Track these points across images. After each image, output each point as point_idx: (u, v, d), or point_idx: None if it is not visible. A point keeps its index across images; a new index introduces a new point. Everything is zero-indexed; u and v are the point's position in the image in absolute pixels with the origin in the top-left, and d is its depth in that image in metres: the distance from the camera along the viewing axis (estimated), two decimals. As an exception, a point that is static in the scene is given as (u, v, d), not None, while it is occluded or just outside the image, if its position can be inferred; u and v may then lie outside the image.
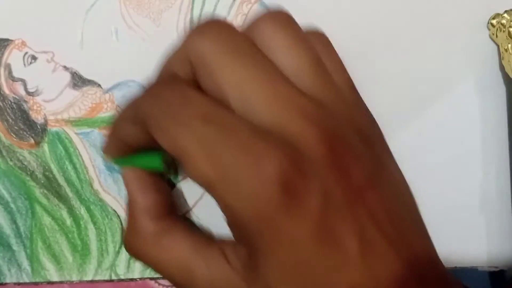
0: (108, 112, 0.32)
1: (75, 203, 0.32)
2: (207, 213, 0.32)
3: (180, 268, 0.24)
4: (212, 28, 0.22)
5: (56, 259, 0.31)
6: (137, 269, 0.32)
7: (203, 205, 0.32)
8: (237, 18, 0.32)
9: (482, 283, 0.33)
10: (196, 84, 0.22)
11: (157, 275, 0.32)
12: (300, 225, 0.19)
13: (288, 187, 0.19)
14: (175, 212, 0.28)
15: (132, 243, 0.26)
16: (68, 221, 0.32)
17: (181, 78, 0.23)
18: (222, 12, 0.32)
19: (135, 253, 0.26)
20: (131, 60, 0.32)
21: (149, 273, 0.32)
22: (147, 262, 0.25)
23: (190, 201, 0.32)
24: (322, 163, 0.20)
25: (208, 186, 0.20)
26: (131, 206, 0.26)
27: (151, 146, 0.23)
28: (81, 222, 0.32)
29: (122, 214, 0.32)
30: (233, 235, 0.22)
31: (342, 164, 0.20)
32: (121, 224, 0.32)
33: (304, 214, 0.19)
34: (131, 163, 0.27)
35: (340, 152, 0.20)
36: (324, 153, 0.20)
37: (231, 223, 0.21)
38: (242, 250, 0.22)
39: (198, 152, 0.20)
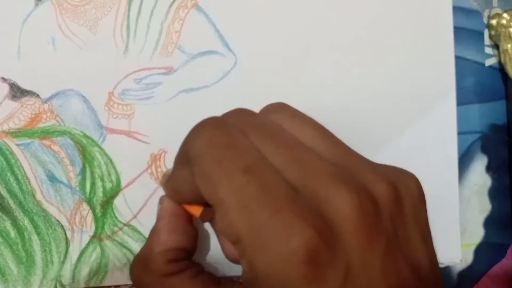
0: (47, 122, 0.31)
1: (18, 214, 0.31)
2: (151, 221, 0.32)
3: None
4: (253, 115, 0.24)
5: (0, 271, 0.31)
6: (82, 279, 0.32)
7: (146, 213, 0.32)
8: (174, 24, 0.32)
9: (430, 280, 0.32)
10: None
11: (104, 284, 0.32)
12: None
13: (314, 260, 0.19)
14: (190, 257, 0.27)
15: (140, 275, 0.26)
16: (12, 233, 0.31)
17: (228, 120, 0.23)
18: (158, 18, 0.32)
19: (139, 284, 0.26)
20: (69, 69, 0.32)
21: (94, 282, 0.32)
22: None
23: (134, 208, 0.32)
24: (350, 232, 0.20)
25: (236, 240, 0.20)
26: (153, 239, 0.26)
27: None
28: (25, 234, 0.31)
29: (66, 224, 0.31)
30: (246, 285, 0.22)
31: (369, 233, 0.20)
32: (65, 234, 0.32)
33: (325, 287, 0.19)
34: None
35: (369, 217, 0.20)
36: (353, 219, 0.20)
37: (251, 281, 0.21)
38: None
39: (234, 203, 0.20)
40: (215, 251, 0.31)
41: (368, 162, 0.23)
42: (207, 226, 0.31)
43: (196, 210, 0.26)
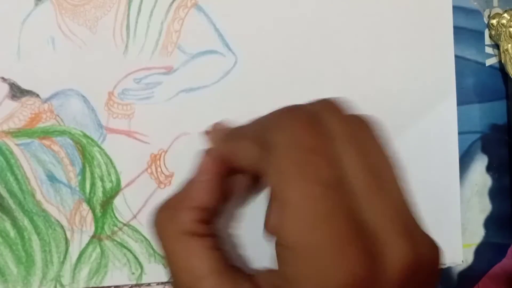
0: (47, 121, 0.31)
1: (18, 214, 0.31)
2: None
3: (191, 278, 0.23)
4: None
5: (0, 271, 0.31)
6: (82, 279, 0.32)
7: (146, 213, 0.32)
8: (174, 24, 0.32)
9: (430, 281, 0.32)
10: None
11: (104, 284, 0.32)
12: None
13: None
14: (214, 221, 0.25)
15: (161, 223, 0.24)
16: (12, 233, 0.31)
17: (320, 119, 0.22)
18: (158, 17, 0.32)
19: (158, 231, 0.24)
20: (68, 68, 0.31)
21: (94, 282, 0.32)
22: (164, 248, 0.24)
23: (134, 208, 0.32)
24: (391, 283, 0.20)
25: (284, 243, 0.20)
26: (187, 191, 0.24)
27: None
28: (25, 234, 0.31)
29: (66, 224, 0.31)
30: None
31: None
32: (65, 234, 0.31)
33: None
34: None
35: (408, 276, 0.20)
36: (398, 276, 0.19)
37: (280, 284, 0.21)
38: None
39: (299, 209, 0.19)
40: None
41: (420, 225, 0.22)
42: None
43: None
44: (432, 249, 0.22)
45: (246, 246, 0.29)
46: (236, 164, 0.24)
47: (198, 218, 0.24)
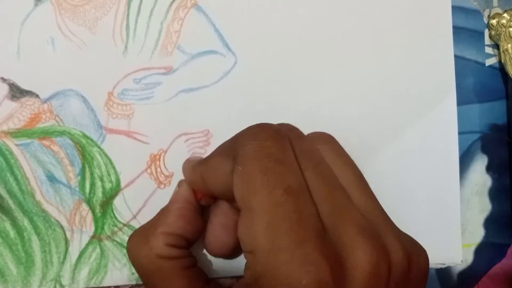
0: (47, 122, 0.31)
1: (18, 214, 0.31)
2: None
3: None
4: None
5: (0, 271, 0.31)
6: (82, 280, 0.32)
7: (146, 213, 0.32)
8: (174, 24, 0.32)
9: (430, 281, 0.32)
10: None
11: (104, 284, 0.32)
12: None
13: None
14: (188, 247, 0.27)
15: (136, 248, 0.26)
16: (12, 233, 0.31)
17: (286, 135, 0.23)
18: (158, 17, 0.32)
19: (132, 257, 0.26)
20: (68, 69, 0.31)
21: (94, 282, 0.32)
22: (139, 271, 0.26)
23: (133, 208, 0.32)
24: (360, 285, 0.20)
25: (250, 250, 0.20)
26: (159, 218, 0.27)
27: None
28: (25, 234, 0.31)
29: (65, 224, 0.31)
30: None
31: None
32: (65, 234, 0.31)
33: None
34: None
35: (380, 277, 0.21)
36: (366, 274, 0.20)
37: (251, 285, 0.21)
38: None
39: (263, 216, 0.20)
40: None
41: (391, 224, 0.24)
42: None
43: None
44: (407, 249, 0.22)
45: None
46: (208, 186, 0.25)
47: (171, 243, 0.25)
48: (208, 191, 0.26)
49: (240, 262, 0.30)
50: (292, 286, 0.19)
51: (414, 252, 0.23)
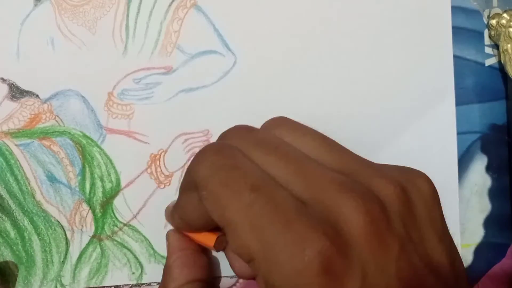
0: (47, 122, 0.31)
1: (18, 215, 0.31)
2: (151, 221, 0.32)
3: None
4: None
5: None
6: (83, 279, 0.32)
7: (146, 213, 0.32)
8: (173, 24, 0.32)
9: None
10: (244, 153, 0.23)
11: (104, 284, 0.32)
12: None
13: (329, 269, 0.19)
14: (206, 286, 0.28)
15: None
16: (12, 233, 0.31)
17: (233, 145, 0.23)
18: (157, 17, 0.32)
19: None
20: (68, 69, 0.31)
21: (95, 282, 0.32)
22: None
23: (134, 208, 0.32)
24: (361, 238, 0.20)
25: (249, 259, 0.20)
26: (166, 277, 0.27)
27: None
28: (25, 234, 0.31)
29: (66, 224, 0.31)
30: None
31: (381, 239, 0.20)
32: (65, 234, 0.32)
33: None
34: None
35: (378, 222, 0.20)
36: (362, 225, 0.20)
37: None
38: None
39: (244, 222, 0.20)
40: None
41: (373, 165, 0.23)
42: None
43: (209, 239, 0.26)
44: (397, 181, 0.21)
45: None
46: (191, 224, 0.25)
47: None
48: (195, 229, 0.26)
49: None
50: (298, 270, 0.19)
51: (407, 180, 0.22)
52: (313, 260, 0.19)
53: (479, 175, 0.34)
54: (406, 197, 0.21)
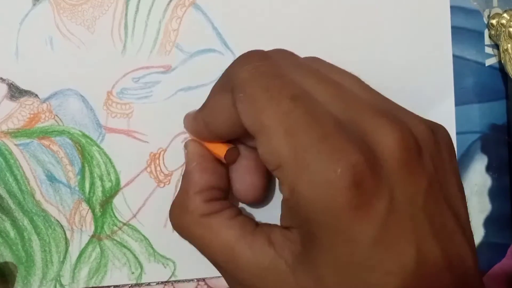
0: (46, 121, 0.31)
1: (18, 214, 0.31)
2: (151, 220, 0.32)
3: (224, 251, 0.24)
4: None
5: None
6: (82, 279, 0.32)
7: (146, 212, 0.32)
8: (172, 22, 0.32)
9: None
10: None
11: (104, 284, 0.32)
12: (365, 225, 0.19)
13: (360, 185, 0.19)
14: (225, 197, 0.27)
15: (180, 218, 0.26)
16: (12, 233, 0.31)
17: (274, 55, 0.23)
18: (156, 16, 0.32)
19: (180, 228, 0.26)
20: (67, 68, 0.31)
21: (94, 282, 0.32)
22: (191, 239, 0.25)
23: (133, 208, 0.32)
24: (394, 162, 0.20)
25: (277, 165, 0.20)
26: (186, 182, 0.26)
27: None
28: (25, 234, 0.31)
29: (65, 223, 0.32)
30: (286, 219, 0.22)
31: (412, 168, 0.20)
32: (65, 234, 0.32)
33: (370, 215, 0.19)
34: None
35: (411, 151, 0.20)
36: (397, 150, 0.20)
37: (292, 207, 0.21)
38: (293, 237, 0.21)
39: (279, 128, 0.20)
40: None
41: (405, 108, 0.23)
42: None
43: (220, 151, 0.26)
44: (427, 123, 0.22)
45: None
46: (213, 129, 0.25)
47: (207, 198, 0.25)
48: (214, 136, 0.26)
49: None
50: (328, 180, 0.19)
51: (434, 125, 0.22)
52: (346, 172, 0.19)
53: (479, 175, 0.34)
54: (436, 139, 0.22)
